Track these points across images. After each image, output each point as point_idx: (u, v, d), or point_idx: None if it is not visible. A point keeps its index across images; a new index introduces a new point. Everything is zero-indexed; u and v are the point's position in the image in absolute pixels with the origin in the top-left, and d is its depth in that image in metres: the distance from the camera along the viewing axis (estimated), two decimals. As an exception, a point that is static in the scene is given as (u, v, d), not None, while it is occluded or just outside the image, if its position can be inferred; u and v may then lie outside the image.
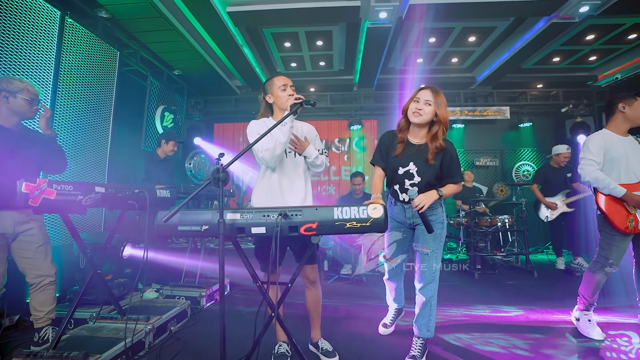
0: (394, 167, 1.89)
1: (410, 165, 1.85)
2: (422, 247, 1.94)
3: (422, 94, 1.78)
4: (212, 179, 1.42)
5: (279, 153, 1.78)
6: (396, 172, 1.88)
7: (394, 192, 1.96)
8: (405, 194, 1.90)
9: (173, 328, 2.45)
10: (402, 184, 1.89)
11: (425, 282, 1.91)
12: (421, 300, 1.94)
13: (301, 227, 1.50)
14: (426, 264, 1.92)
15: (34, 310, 2.10)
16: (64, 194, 1.58)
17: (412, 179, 1.86)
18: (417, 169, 1.83)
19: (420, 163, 1.83)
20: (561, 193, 4.31)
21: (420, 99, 1.77)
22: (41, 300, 2.10)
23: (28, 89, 1.97)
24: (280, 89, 1.91)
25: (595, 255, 2.25)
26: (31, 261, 2.05)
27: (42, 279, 2.08)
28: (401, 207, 1.98)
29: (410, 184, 1.87)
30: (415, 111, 1.76)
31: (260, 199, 1.94)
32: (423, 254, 1.93)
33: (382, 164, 1.96)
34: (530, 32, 4.36)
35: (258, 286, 1.70)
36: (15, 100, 1.92)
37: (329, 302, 3.10)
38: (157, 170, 3.41)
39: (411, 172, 1.85)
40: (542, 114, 6.34)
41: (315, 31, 4.50)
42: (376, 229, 1.47)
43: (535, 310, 2.81)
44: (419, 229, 1.96)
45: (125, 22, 3.74)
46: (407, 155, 1.86)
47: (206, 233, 1.56)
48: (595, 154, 2.13)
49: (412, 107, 1.78)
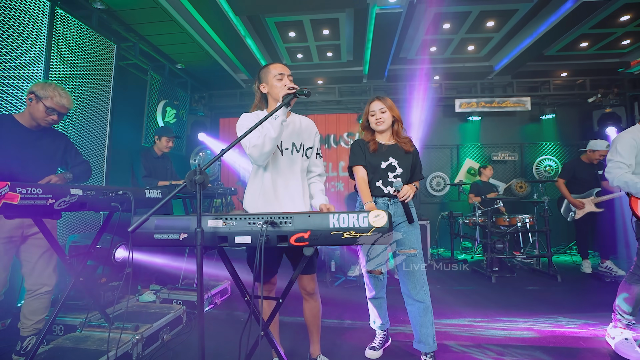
0: (375, 164, 1.94)
1: (391, 159, 1.94)
2: (407, 248, 1.89)
3: (375, 106, 1.96)
4: (187, 181, 1.23)
5: (268, 150, 1.57)
6: (378, 167, 1.94)
7: (376, 188, 1.95)
8: (390, 186, 1.92)
9: (166, 337, 2.31)
10: (386, 178, 1.94)
11: (418, 286, 1.85)
12: (418, 309, 1.82)
13: (291, 237, 1.29)
14: (415, 266, 1.86)
15: (24, 317, 2.02)
16: (31, 198, 1.42)
17: (394, 171, 1.94)
18: (398, 161, 1.94)
19: (399, 156, 1.95)
20: (590, 191, 3.95)
21: (376, 110, 1.95)
22: (33, 308, 2.01)
23: (53, 99, 1.92)
24: (276, 78, 1.70)
25: (633, 267, 1.97)
26: (33, 266, 1.98)
27: (39, 287, 2.00)
28: (383, 205, 1.95)
29: (393, 176, 1.93)
30: (377, 122, 1.94)
31: (252, 202, 1.75)
32: (410, 257, 1.88)
33: (363, 162, 1.96)
34: (556, 15, 3.97)
35: (246, 301, 1.51)
36: (37, 105, 1.90)
37: (333, 308, 2.90)
38: (155, 168, 3.27)
39: (393, 165, 1.94)
40: (566, 105, 5.90)
41: (320, 19, 4.25)
42: (378, 240, 1.25)
43: (561, 323, 2.53)
44: (399, 230, 1.93)
45: (122, 13, 3.59)
46: (383, 152, 1.96)
47: (185, 242, 1.37)
48: (625, 156, 1.92)
49: (372, 120, 1.97)
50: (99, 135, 3.47)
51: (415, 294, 1.84)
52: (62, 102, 1.94)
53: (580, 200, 3.95)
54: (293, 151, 1.76)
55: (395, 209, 1.94)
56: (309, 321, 1.85)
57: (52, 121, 1.96)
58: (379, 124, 1.94)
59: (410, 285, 1.86)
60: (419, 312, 1.83)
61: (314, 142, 1.85)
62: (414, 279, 1.85)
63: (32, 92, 1.91)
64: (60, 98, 1.93)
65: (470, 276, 4.05)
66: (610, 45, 4.93)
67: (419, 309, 1.83)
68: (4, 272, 1.89)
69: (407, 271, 1.87)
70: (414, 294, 1.84)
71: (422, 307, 1.82)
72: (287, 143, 1.75)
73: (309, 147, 1.81)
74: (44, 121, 1.94)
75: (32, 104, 1.91)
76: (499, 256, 3.97)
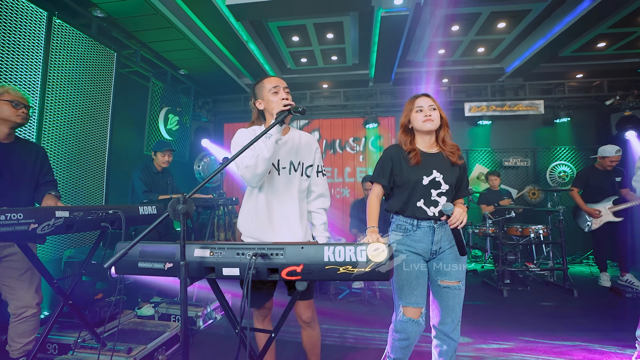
0: (415, 179, 1.59)
1: (435, 173, 1.59)
2: (452, 280, 1.58)
3: (423, 101, 1.64)
4: (170, 210, 1.13)
5: (261, 171, 1.46)
6: (419, 183, 1.59)
7: (418, 209, 1.59)
8: (434, 207, 1.58)
9: (161, 357, 2.23)
10: (428, 197, 1.59)
11: (455, 321, 1.58)
12: (449, 347, 1.60)
13: (283, 270, 1.19)
14: (457, 301, 1.58)
15: (11, 340, 1.94)
16: (10, 224, 1.35)
17: (438, 187, 1.59)
18: (443, 175, 1.59)
19: (444, 169, 1.61)
20: (607, 200, 3.74)
21: (424, 106, 1.62)
22: (20, 331, 1.93)
23: (9, 92, 1.83)
24: (271, 92, 1.59)
25: None
26: (12, 290, 1.88)
27: (23, 310, 1.90)
28: (428, 229, 1.58)
29: (437, 194, 1.59)
30: (426, 119, 1.60)
31: (244, 225, 1.65)
32: (453, 290, 1.58)
33: (384, 181, 1.65)
34: (573, 14, 3.77)
35: (237, 333, 1.41)
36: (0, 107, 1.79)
37: (335, 326, 2.79)
38: (154, 183, 3.20)
39: (437, 180, 1.59)
40: (582, 108, 5.66)
41: (324, 23, 4.14)
42: (377, 276, 1.14)
43: (581, 347, 2.36)
44: (444, 258, 1.61)
45: (122, 21, 3.54)
46: (427, 163, 1.61)
47: (170, 273, 1.28)
48: None
49: (419, 117, 1.62)
50: (99, 145, 3.43)
51: (450, 331, 1.58)
52: (19, 94, 1.87)
53: (596, 209, 3.75)
54: (291, 170, 1.65)
55: (442, 233, 1.60)
56: (308, 350, 1.74)
57: (24, 114, 1.87)
58: (428, 121, 1.59)
59: (448, 320, 1.58)
60: (448, 351, 1.61)
61: (314, 159, 1.72)
62: (454, 314, 1.58)
63: None
64: (14, 91, 1.86)
65: (480, 289, 3.88)
66: (631, 44, 4.68)
67: (450, 348, 1.60)
68: None
69: (447, 304, 1.58)
70: (450, 330, 1.58)
71: (454, 346, 1.60)
72: (285, 162, 1.64)
73: (308, 165, 1.69)
74: (18, 118, 1.85)
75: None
76: (511, 269, 3.79)
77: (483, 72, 5.49)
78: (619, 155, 3.64)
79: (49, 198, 1.86)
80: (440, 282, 1.59)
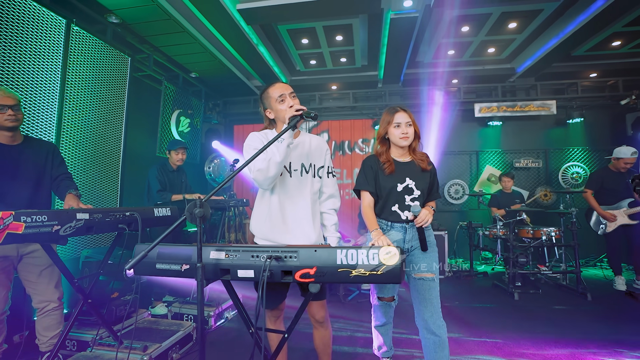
0: (390, 186, 1.79)
1: (408, 180, 1.79)
2: (426, 272, 1.75)
3: (400, 117, 1.77)
4: (187, 214, 1.17)
5: (273, 174, 1.50)
6: (394, 190, 1.79)
7: (392, 213, 1.80)
8: (408, 211, 1.78)
9: (175, 355, 2.28)
10: (402, 202, 1.79)
11: (436, 314, 1.71)
12: (434, 343, 1.68)
13: (296, 273, 1.22)
14: (433, 292, 1.73)
15: (39, 334, 2.04)
16: (36, 226, 1.41)
17: (411, 193, 1.79)
18: (415, 182, 1.79)
19: (415, 176, 1.79)
20: (622, 202, 3.67)
21: (402, 123, 1.76)
22: (45, 325, 2.02)
23: None
24: (277, 101, 1.61)
25: None
26: (34, 285, 1.97)
27: (45, 304, 2.00)
28: (400, 229, 1.80)
29: (411, 199, 1.79)
30: (402, 136, 1.76)
31: (257, 226, 1.69)
32: (428, 281, 1.73)
33: (370, 188, 1.81)
34: (586, 13, 3.72)
35: (251, 333, 1.45)
36: None
37: (345, 326, 2.81)
38: (170, 181, 3.27)
39: (410, 187, 1.79)
40: (596, 108, 5.55)
41: (333, 25, 4.16)
42: (389, 279, 1.16)
43: (595, 354, 2.32)
44: (417, 253, 1.80)
45: (136, 26, 3.62)
46: (400, 172, 1.80)
47: (187, 274, 1.32)
48: None
49: (397, 132, 1.77)
50: (114, 147, 3.51)
51: (432, 324, 1.69)
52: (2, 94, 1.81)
53: (611, 212, 3.68)
54: (302, 172, 1.68)
55: (412, 233, 1.80)
56: (319, 349, 1.76)
57: (11, 117, 1.83)
58: (404, 139, 1.75)
59: (427, 314, 1.71)
60: (434, 347, 1.69)
61: (325, 161, 1.76)
62: (431, 307, 1.71)
63: None
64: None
65: (491, 291, 3.85)
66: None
67: (435, 344, 1.68)
68: (3, 289, 1.89)
69: (423, 298, 1.72)
70: (431, 323, 1.70)
71: (438, 341, 1.68)
72: (296, 164, 1.68)
73: (320, 166, 1.73)
74: (7, 122, 1.81)
75: None
76: (522, 271, 3.75)
77: (493, 72, 5.43)
78: (635, 157, 3.56)
79: (70, 198, 1.92)
80: (415, 275, 1.77)
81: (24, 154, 1.95)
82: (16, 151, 1.92)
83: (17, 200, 1.88)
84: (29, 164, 1.96)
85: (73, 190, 1.99)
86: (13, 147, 1.91)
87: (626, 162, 3.58)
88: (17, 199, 1.89)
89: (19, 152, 1.93)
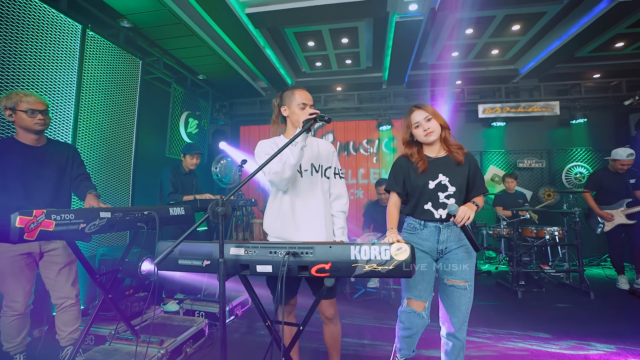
0: (422, 184, 1.68)
1: (441, 177, 1.67)
2: (458, 279, 1.63)
3: (417, 116, 1.70)
4: (210, 212, 1.25)
5: (288, 176, 1.58)
6: (426, 187, 1.68)
7: (425, 212, 1.68)
8: (442, 209, 1.65)
9: (189, 349, 2.36)
10: (436, 200, 1.67)
11: (460, 321, 1.64)
12: (454, 347, 1.66)
13: (312, 268, 1.29)
14: (463, 301, 1.63)
15: (58, 329, 2.12)
16: (65, 224, 1.50)
17: (445, 190, 1.66)
18: (449, 178, 1.66)
19: (450, 172, 1.67)
20: (621, 202, 3.72)
21: (420, 121, 1.69)
22: (63, 320, 2.11)
23: (22, 100, 1.88)
24: (299, 106, 1.70)
25: None
26: (53, 282, 2.06)
27: (63, 300, 2.08)
28: (434, 229, 1.67)
29: (445, 197, 1.66)
30: (427, 133, 1.68)
31: (270, 225, 1.77)
32: (459, 289, 1.63)
33: (398, 189, 1.75)
34: (589, 16, 3.77)
35: (267, 326, 1.52)
36: (17, 116, 1.89)
37: (352, 322, 2.88)
38: (182, 184, 3.37)
39: (444, 184, 1.66)
40: (599, 108, 5.59)
41: (339, 28, 4.24)
42: (400, 273, 1.23)
43: (595, 349, 2.38)
44: (451, 258, 1.67)
45: (147, 30, 3.72)
46: (433, 168, 1.69)
47: (208, 269, 1.40)
48: None
49: (420, 132, 1.70)
50: (126, 148, 3.61)
51: (456, 331, 1.64)
52: (31, 100, 1.91)
53: (608, 212, 3.73)
54: (312, 172, 1.76)
55: (448, 233, 1.66)
56: (329, 344, 1.84)
57: (40, 121, 1.92)
58: (429, 134, 1.66)
59: (454, 320, 1.63)
60: (454, 350, 1.66)
61: (332, 162, 1.84)
62: (460, 314, 1.63)
63: (5, 107, 1.88)
64: (27, 97, 1.90)
65: (495, 290, 3.91)
66: (649, 44, 4.62)
67: (456, 347, 1.66)
68: (27, 284, 1.98)
69: (452, 304, 1.64)
70: (456, 329, 1.63)
71: (459, 345, 1.65)
72: (307, 165, 1.76)
73: (327, 167, 1.81)
74: (36, 125, 1.91)
75: (14, 118, 1.90)
76: (526, 270, 3.81)
77: (497, 73, 5.49)
78: (631, 159, 3.61)
79: (91, 198, 2.00)
80: (447, 281, 1.66)
81: (47, 155, 2.04)
82: (41, 152, 2.01)
83: (41, 199, 1.97)
84: (53, 165, 2.05)
85: (93, 191, 2.07)
86: (38, 148, 2.01)
87: (622, 163, 3.64)
88: (41, 198, 1.98)
89: (43, 153, 2.02)
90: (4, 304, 1.96)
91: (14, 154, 1.92)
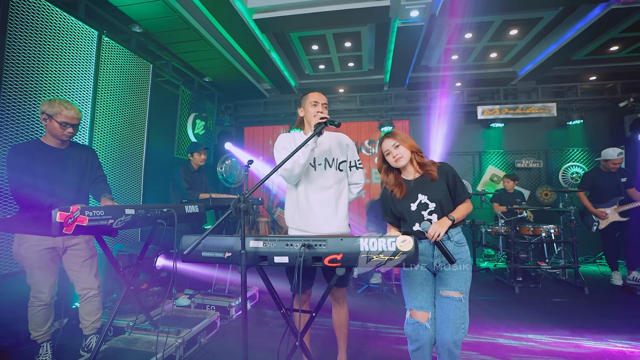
0: (405, 208, 1.75)
1: (420, 196, 1.74)
2: (452, 291, 1.64)
3: (387, 144, 1.77)
4: (233, 208, 1.38)
5: (297, 173, 1.77)
6: (409, 210, 1.74)
7: (416, 232, 1.73)
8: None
9: (203, 340, 2.50)
10: (421, 219, 1.72)
11: (455, 336, 1.61)
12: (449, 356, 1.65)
13: (325, 258, 1.42)
14: (458, 313, 1.62)
15: (82, 319, 2.27)
16: (96, 219, 1.63)
17: (427, 208, 1.72)
18: (427, 196, 1.73)
19: (427, 189, 1.73)
20: (614, 200, 3.87)
21: (390, 148, 1.76)
22: (87, 310, 2.26)
23: (61, 113, 2.02)
24: (311, 104, 1.90)
25: None
26: (77, 274, 2.20)
27: (86, 291, 2.23)
28: (428, 244, 1.72)
29: (428, 213, 1.71)
30: (396, 159, 1.75)
31: (290, 217, 1.96)
32: (453, 301, 1.63)
33: (389, 219, 1.85)
34: (583, 21, 3.91)
35: (282, 313, 1.66)
36: (51, 123, 2.03)
37: (357, 315, 3.02)
38: (193, 181, 3.51)
39: (424, 202, 1.72)
40: (595, 110, 5.73)
41: (343, 33, 4.37)
42: (405, 262, 1.36)
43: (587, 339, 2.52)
44: (446, 271, 1.70)
45: (157, 35, 3.85)
46: (412, 191, 1.76)
47: (229, 260, 1.54)
48: None
49: (390, 159, 1.77)
50: (137, 149, 3.74)
51: (449, 343, 1.61)
52: (70, 114, 2.04)
53: (602, 210, 3.87)
54: (326, 166, 1.93)
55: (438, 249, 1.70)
56: (337, 327, 1.99)
57: (69, 134, 2.08)
58: (398, 160, 1.74)
59: (448, 334, 1.60)
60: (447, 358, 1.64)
61: (348, 156, 2.00)
62: (454, 327, 1.60)
63: (43, 111, 2.01)
64: (67, 111, 2.03)
65: (493, 285, 4.04)
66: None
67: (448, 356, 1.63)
68: (52, 276, 2.12)
69: (447, 317, 1.62)
70: (448, 341, 1.60)
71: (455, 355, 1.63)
72: (320, 159, 1.93)
73: (342, 161, 1.97)
74: (64, 136, 2.07)
75: (47, 123, 2.03)
76: (523, 267, 3.94)
77: (496, 76, 5.62)
78: (621, 157, 3.79)
79: (105, 201, 2.14)
80: (442, 292, 1.67)
81: (69, 157, 2.18)
82: (63, 154, 2.16)
83: (66, 199, 2.10)
84: (74, 166, 2.19)
85: (107, 194, 2.20)
86: (61, 150, 2.15)
87: (614, 162, 3.79)
88: (66, 197, 2.11)
89: (65, 154, 2.17)
90: (31, 295, 2.10)
91: (41, 156, 2.06)
